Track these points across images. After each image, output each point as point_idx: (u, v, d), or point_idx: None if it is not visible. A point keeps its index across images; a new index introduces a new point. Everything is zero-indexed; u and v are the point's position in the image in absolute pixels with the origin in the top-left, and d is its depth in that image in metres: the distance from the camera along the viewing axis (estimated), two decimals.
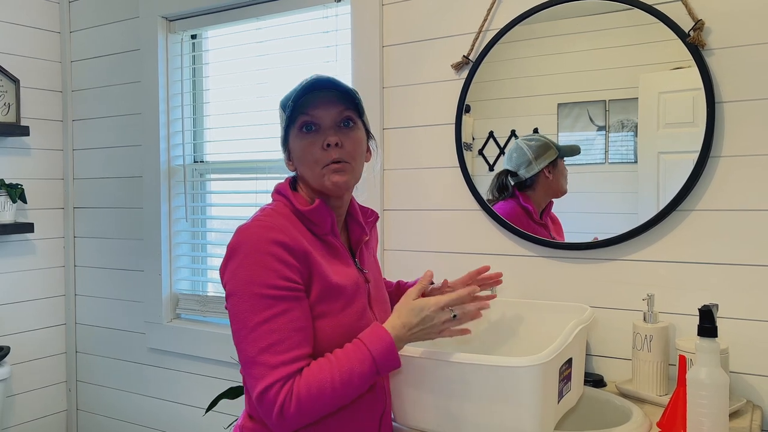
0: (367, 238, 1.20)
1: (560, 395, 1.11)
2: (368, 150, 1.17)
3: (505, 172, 1.68)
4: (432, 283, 1.17)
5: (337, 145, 1.07)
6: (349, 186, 1.12)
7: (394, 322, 1.04)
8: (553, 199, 1.64)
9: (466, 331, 1.09)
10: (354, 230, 1.19)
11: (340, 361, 0.99)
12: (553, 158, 1.62)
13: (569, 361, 1.15)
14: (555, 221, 1.65)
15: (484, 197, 1.72)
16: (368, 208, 1.23)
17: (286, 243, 1.01)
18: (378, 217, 1.25)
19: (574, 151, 1.59)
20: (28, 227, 2.41)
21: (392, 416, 1.17)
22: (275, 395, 0.95)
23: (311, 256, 1.04)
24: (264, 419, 0.98)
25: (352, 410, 1.09)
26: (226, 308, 1.04)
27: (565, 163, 1.61)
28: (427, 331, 1.04)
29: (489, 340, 1.31)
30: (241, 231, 1.03)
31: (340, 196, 1.13)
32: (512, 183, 1.67)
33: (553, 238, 1.64)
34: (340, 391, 0.97)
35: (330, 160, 1.07)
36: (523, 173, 1.65)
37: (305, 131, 1.08)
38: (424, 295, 1.08)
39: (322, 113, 1.08)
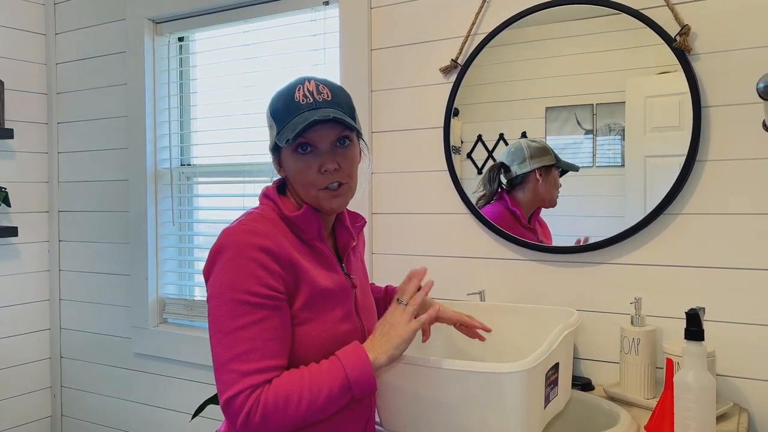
0: (354, 244, 1.19)
1: (547, 400, 1.11)
2: (360, 153, 1.15)
3: (499, 166, 1.69)
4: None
5: (335, 169, 1.04)
6: (347, 204, 1.10)
7: (373, 341, 1.02)
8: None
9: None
10: (342, 235, 1.18)
11: (312, 374, 0.97)
12: (548, 164, 1.62)
13: (556, 366, 1.14)
14: (543, 225, 1.65)
15: (474, 191, 1.72)
16: (356, 213, 1.21)
17: (270, 249, 0.99)
18: (366, 222, 1.23)
19: (572, 168, 1.59)
20: (12, 231, 2.38)
21: (377, 422, 1.16)
22: (242, 403, 0.93)
23: (297, 263, 1.02)
24: (230, 426, 0.97)
25: (336, 417, 1.07)
26: None
27: (560, 178, 1.61)
28: (392, 328, 1.02)
29: (475, 344, 1.30)
30: (225, 234, 1.01)
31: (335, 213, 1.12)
32: (503, 180, 1.67)
33: (542, 242, 1.64)
34: (308, 405, 0.95)
35: (326, 184, 1.04)
36: (516, 169, 1.65)
37: (300, 152, 1.04)
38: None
39: (319, 136, 1.03)
